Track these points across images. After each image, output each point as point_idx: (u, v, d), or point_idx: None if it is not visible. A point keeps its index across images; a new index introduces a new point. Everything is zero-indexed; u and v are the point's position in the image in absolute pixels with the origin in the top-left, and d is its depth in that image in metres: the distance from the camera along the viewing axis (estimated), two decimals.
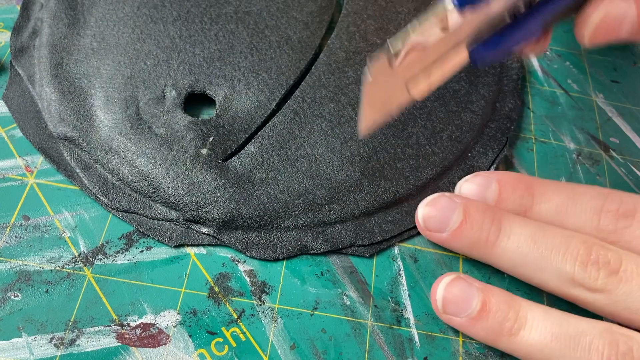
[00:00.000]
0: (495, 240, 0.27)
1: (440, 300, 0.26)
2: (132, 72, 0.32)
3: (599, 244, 0.26)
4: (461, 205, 0.27)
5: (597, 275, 0.25)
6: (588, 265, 0.25)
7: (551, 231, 0.26)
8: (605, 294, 0.25)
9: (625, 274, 0.25)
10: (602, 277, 0.25)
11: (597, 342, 0.24)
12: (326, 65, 0.34)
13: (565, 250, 0.25)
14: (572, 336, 0.24)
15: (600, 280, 0.25)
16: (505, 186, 0.28)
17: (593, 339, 0.24)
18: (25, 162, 0.30)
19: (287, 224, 0.29)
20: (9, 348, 0.25)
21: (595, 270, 0.25)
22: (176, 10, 0.35)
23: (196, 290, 0.27)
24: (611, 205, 0.27)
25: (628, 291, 0.24)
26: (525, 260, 0.26)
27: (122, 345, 0.26)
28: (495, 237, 0.27)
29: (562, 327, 0.24)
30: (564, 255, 0.25)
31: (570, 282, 0.25)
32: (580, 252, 0.25)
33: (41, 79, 0.32)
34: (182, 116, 0.31)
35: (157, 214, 0.29)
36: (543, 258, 0.26)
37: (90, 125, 0.31)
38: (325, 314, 0.27)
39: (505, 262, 0.27)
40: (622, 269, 0.25)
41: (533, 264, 0.26)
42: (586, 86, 0.38)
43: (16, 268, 0.27)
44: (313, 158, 0.31)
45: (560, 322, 0.24)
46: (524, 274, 0.27)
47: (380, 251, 0.29)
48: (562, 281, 0.25)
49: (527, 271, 0.26)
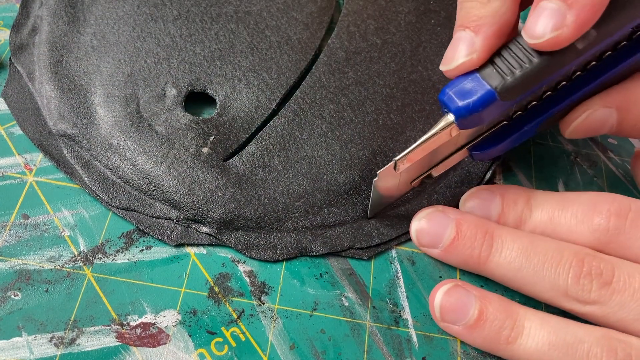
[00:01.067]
0: (487, 255, 0.27)
1: (438, 308, 0.27)
2: (133, 70, 0.32)
3: (591, 255, 0.25)
4: (454, 221, 0.27)
5: (590, 287, 0.25)
6: (581, 278, 0.25)
7: (543, 244, 0.26)
8: (598, 305, 0.25)
9: (618, 284, 0.25)
10: (594, 289, 0.25)
11: (595, 350, 0.24)
12: (326, 66, 0.34)
13: (557, 263, 0.25)
14: (569, 344, 0.24)
15: (593, 293, 0.25)
16: (508, 200, 0.28)
17: (591, 346, 0.24)
18: (24, 160, 0.30)
19: (286, 226, 0.29)
20: (9, 347, 0.25)
21: (588, 282, 0.25)
22: (176, 9, 0.35)
23: (196, 290, 0.28)
24: (603, 205, 0.26)
25: (621, 302, 0.24)
26: (517, 275, 0.26)
27: (122, 344, 0.26)
28: (488, 253, 0.27)
29: (559, 335, 0.24)
30: (556, 268, 0.25)
31: (563, 296, 0.25)
32: (573, 265, 0.25)
33: (41, 76, 0.32)
34: (182, 114, 0.31)
35: (158, 212, 0.29)
36: (536, 272, 0.26)
37: (90, 122, 0.31)
38: (324, 315, 0.28)
39: (498, 276, 0.27)
40: (614, 279, 0.25)
41: (526, 278, 0.26)
42: None
43: (16, 267, 0.27)
44: (313, 160, 0.31)
45: (557, 329, 0.25)
46: (518, 287, 0.27)
47: (378, 254, 0.30)
48: (555, 294, 0.25)
49: (521, 284, 0.26)
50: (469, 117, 0.25)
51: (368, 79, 0.34)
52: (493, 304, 0.26)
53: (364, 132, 0.32)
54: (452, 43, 0.26)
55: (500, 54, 0.25)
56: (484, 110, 0.24)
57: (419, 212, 0.29)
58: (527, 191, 0.29)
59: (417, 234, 0.29)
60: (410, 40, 0.36)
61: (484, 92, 0.24)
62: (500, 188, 0.29)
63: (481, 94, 0.24)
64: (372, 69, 0.35)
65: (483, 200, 0.29)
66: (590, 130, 0.28)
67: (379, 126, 0.32)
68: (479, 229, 0.27)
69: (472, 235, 0.27)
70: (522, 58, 0.24)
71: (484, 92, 0.24)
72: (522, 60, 0.24)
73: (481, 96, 0.24)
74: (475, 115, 0.25)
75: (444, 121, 0.25)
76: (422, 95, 0.34)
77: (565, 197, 0.28)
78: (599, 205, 0.26)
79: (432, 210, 0.29)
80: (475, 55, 0.25)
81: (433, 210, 0.28)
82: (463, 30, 0.25)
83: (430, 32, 0.37)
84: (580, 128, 0.28)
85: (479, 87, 0.24)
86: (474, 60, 0.25)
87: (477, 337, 0.26)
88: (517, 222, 0.28)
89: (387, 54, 0.35)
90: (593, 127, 0.28)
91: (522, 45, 0.24)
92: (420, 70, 0.35)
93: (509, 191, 0.29)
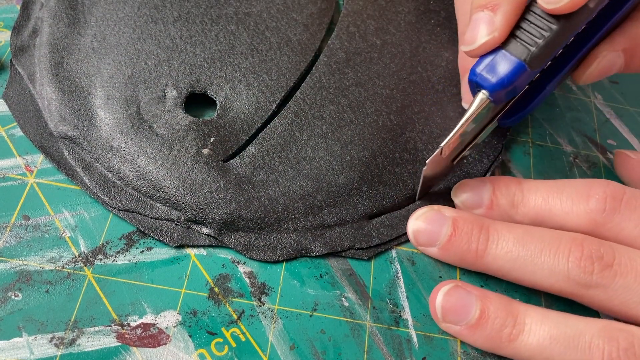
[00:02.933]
0: (484, 249, 0.27)
1: (439, 309, 0.27)
2: (133, 72, 0.32)
3: (589, 239, 0.26)
4: (450, 218, 0.28)
5: (591, 269, 0.25)
6: (581, 260, 0.25)
7: (539, 232, 0.27)
8: (601, 288, 0.25)
9: (620, 267, 0.25)
10: (596, 271, 0.25)
11: (596, 341, 0.24)
12: (326, 66, 0.34)
13: (556, 248, 0.26)
14: (570, 337, 0.24)
15: (596, 275, 0.25)
16: (499, 186, 0.29)
17: (592, 337, 0.24)
18: (25, 162, 0.30)
19: (287, 227, 0.29)
20: (10, 348, 0.25)
21: (589, 264, 0.25)
22: (177, 11, 0.35)
23: (196, 290, 0.28)
24: (599, 188, 0.27)
25: (625, 285, 0.25)
26: (515, 264, 0.26)
27: (123, 345, 0.26)
28: (485, 246, 0.27)
29: (560, 329, 0.24)
30: (555, 253, 0.26)
31: (565, 280, 0.25)
32: (572, 249, 0.25)
33: (41, 77, 0.32)
34: (183, 116, 0.31)
35: (158, 213, 0.29)
36: (534, 259, 0.26)
37: (90, 124, 0.31)
38: (325, 315, 0.28)
39: (497, 269, 0.27)
40: (615, 262, 0.25)
41: (524, 267, 0.26)
42: (585, 87, 0.38)
43: (16, 268, 0.27)
44: (313, 161, 0.31)
45: (557, 323, 0.25)
46: (517, 277, 0.27)
47: (378, 254, 0.30)
48: (557, 280, 0.26)
49: (520, 274, 0.27)
50: (503, 92, 0.26)
51: (368, 80, 0.34)
52: (494, 303, 0.26)
53: (364, 134, 0.32)
54: (472, 24, 0.26)
55: (520, 27, 0.26)
56: (517, 82, 0.26)
57: (414, 213, 0.29)
58: (518, 179, 0.29)
59: (414, 234, 0.29)
60: (410, 41, 0.36)
61: (515, 66, 0.26)
62: (491, 177, 0.30)
63: (512, 68, 0.26)
64: (372, 70, 0.35)
65: (474, 188, 0.29)
66: (602, 74, 0.30)
67: (378, 127, 0.32)
68: (475, 224, 0.27)
69: (468, 230, 0.27)
70: (541, 26, 0.26)
71: (515, 66, 0.26)
72: (542, 28, 0.26)
73: (512, 70, 0.26)
74: (509, 89, 0.26)
75: (478, 100, 0.27)
76: (421, 97, 0.34)
77: (559, 182, 0.28)
78: (594, 188, 0.27)
79: (427, 209, 0.29)
80: (497, 33, 0.26)
81: (428, 209, 0.29)
82: (481, 11, 0.26)
83: (430, 32, 0.37)
84: (593, 75, 0.30)
85: (508, 62, 0.26)
86: (496, 38, 0.26)
87: (479, 337, 0.26)
88: (510, 205, 0.28)
89: (386, 55, 0.35)
90: (604, 71, 0.30)
91: (538, 13, 0.26)
92: (420, 71, 0.35)
93: (500, 178, 0.29)
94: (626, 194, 0.27)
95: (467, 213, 0.28)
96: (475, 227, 0.27)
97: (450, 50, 0.36)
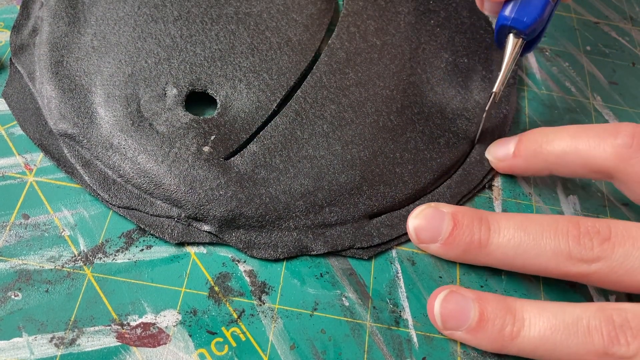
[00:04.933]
0: (487, 238, 0.27)
1: (439, 317, 0.27)
2: (133, 70, 0.32)
3: (584, 218, 0.26)
4: (449, 213, 0.28)
5: (591, 244, 0.25)
6: (580, 238, 0.26)
7: (537, 217, 0.27)
8: (603, 261, 0.25)
9: (617, 238, 0.25)
10: (596, 245, 0.25)
11: (593, 322, 0.24)
12: (327, 66, 0.34)
13: (555, 230, 0.26)
14: (569, 324, 0.24)
15: (596, 249, 0.25)
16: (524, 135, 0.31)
17: (589, 320, 0.24)
18: (24, 160, 0.30)
19: (288, 225, 0.29)
20: (9, 348, 0.25)
21: (588, 240, 0.26)
22: (177, 10, 0.35)
23: (196, 289, 0.28)
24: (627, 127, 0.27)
25: (625, 253, 0.25)
26: (519, 250, 0.27)
27: (123, 344, 0.26)
28: (487, 236, 0.27)
29: (558, 318, 0.25)
30: (556, 235, 0.26)
31: (568, 260, 0.26)
32: (570, 229, 0.26)
33: (41, 76, 0.32)
34: (183, 114, 0.31)
35: (159, 210, 0.29)
36: (536, 242, 0.26)
37: (90, 122, 0.31)
38: (325, 315, 0.28)
39: (501, 257, 0.27)
40: (612, 234, 0.25)
41: (528, 251, 0.26)
42: (584, 88, 0.38)
43: (16, 267, 0.27)
44: (314, 160, 0.31)
45: (555, 313, 0.25)
46: (522, 264, 0.27)
47: (378, 254, 0.30)
48: (560, 261, 0.26)
49: (524, 260, 0.27)
50: (535, 26, 0.30)
51: (368, 80, 0.34)
52: (491, 304, 0.26)
53: (365, 133, 0.32)
54: None
55: None
56: (544, 16, 0.30)
57: (413, 211, 0.29)
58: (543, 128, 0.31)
59: (415, 232, 0.29)
60: (409, 42, 0.36)
61: (542, 1, 0.30)
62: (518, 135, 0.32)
63: (537, 3, 0.30)
64: (372, 70, 0.35)
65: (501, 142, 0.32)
66: None
67: (379, 127, 0.32)
68: (474, 216, 0.28)
69: (469, 222, 0.28)
70: None
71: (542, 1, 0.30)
72: None
73: (537, 4, 0.30)
74: (538, 22, 0.30)
75: (511, 43, 0.31)
76: (420, 98, 0.34)
77: (583, 125, 0.29)
78: (622, 126, 0.28)
79: (425, 207, 0.29)
80: None
81: (426, 207, 0.29)
82: None
83: (429, 33, 0.37)
84: None
85: None
86: None
87: (482, 339, 0.26)
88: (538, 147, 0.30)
89: (386, 56, 0.35)
90: None
91: None
92: (419, 72, 0.35)
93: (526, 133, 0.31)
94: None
95: (464, 207, 0.29)
96: (475, 219, 0.28)
97: (449, 51, 0.36)
